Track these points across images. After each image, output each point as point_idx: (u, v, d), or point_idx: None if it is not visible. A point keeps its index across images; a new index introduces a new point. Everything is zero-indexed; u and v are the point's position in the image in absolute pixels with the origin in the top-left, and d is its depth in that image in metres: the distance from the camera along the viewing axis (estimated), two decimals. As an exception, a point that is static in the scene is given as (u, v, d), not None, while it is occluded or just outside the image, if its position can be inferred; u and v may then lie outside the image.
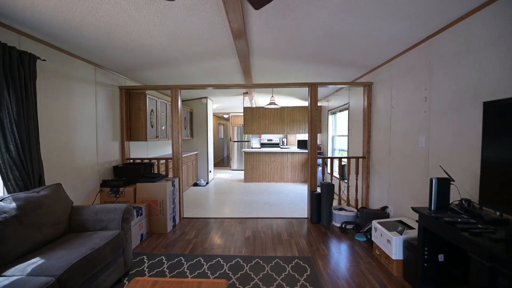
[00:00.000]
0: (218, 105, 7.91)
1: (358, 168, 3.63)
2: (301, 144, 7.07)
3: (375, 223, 2.53)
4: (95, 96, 3.13)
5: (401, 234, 2.19)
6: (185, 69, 3.63)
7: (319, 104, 6.83)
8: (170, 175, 4.16)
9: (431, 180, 1.76)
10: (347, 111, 4.71)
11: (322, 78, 4.06)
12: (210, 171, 6.56)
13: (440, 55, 2.22)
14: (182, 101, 6.37)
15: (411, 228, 2.34)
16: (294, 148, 7.61)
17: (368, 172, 3.56)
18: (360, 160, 3.65)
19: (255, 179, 6.57)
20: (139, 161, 3.81)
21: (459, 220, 1.54)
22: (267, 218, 3.71)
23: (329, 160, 4.00)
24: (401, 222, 2.52)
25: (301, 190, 5.60)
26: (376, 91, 3.40)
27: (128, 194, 3.16)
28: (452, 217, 1.60)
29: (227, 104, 7.87)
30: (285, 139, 9.64)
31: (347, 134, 4.60)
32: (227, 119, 12.31)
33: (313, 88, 3.51)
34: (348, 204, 3.66)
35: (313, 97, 3.52)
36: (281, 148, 8.73)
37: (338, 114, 5.45)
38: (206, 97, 6.28)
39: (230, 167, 9.07)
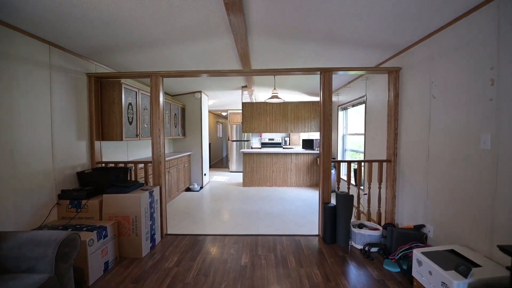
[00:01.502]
0: (214, 101, 7.23)
1: (382, 174, 2.93)
2: (307, 144, 6.38)
3: (418, 254, 1.84)
4: (49, 83, 2.45)
5: (466, 277, 1.50)
6: (169, 53, 2.95)
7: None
8: (152, 182, 3.48)
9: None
10: (362, 105, 4.03)
11: (335, 64, 3.37)
12: (204, 174, 5.88)
13: (522, 15, 1.52)
14: (173, 95, 5.70)
15: (475, 264, 1.65)
16: (298, 149, 6.93)
17: (395, 180, 2.86)
18: (384, 164, 2.96)
19: (255, 183, 5.89)
20: (113, 165, 3.12)
21: None
22: (269, 235, 3.02)
23: (345, 164, 3.31)
24: (454, 252, 1.83)
25: (308, 197, 4.91)
26: (407, 78, 2.70)
27: (93, 208, 2.48)
28: None
29: (225, 100, 7.18)
30: (288, 138, 8.96)
31: (363, 132, 3.90)
32: (226, 117, 11.62)
33: (326, 74, 2.82)
34: (369, 219, 2.97)
35: (326, 86, 2.83)
36: (283, 148, 8.04)
37: (350, 110, 4.76)
38: (200, 91, 5.59)
39: (229, 168, 8.39)
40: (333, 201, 2.87)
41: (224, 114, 10.67)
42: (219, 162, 11.00)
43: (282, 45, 2.81)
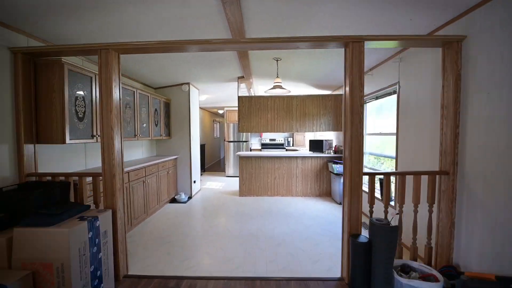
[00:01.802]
0: (208, 96, 6.34)
1: (435, 191, 2.04)
2: (315, 145, 5.48)
3: None
4: None
5: None
6: (129, 18, 2.06)
7: (336, 92, 5.25)
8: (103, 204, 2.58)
9: None
10: (391, 97, 3.14)
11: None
12: (194, 182, 4.99)
13: None
14: (156, 88, 4.81)
15: None
16: (305, 151, 6.04)
17: (453, 200, 1.96)
18: (437, 177, 2.06)
19: (254, 191, 4.99)
20: (50, 178, 2.23)
21: None
22: (272, 279, 2.12)
23: (381, 177, 2.43)
24: None
25: (318, 211, 4.02)
26: (477, 50, 1.80)
27: (-3, 250, 1.60)
28: None
29: (220, 95, 6.30)
30: (291, 138, 8.08)
31: (393, 132, 3.00)
32: (223, 116, 10.74)
33: (354, 46, 1.91)
34: (415, 256, 2.07)
35: (356, 64, 1.92)
36: (286, 150, 7.16)
37: (371, 103, 3.85)
38: (188, 83, 4.70)
39: (225, 172, 7.50)
40: (364, 234, 1.98)
41: (220, 112, 9.80)
42: (215, 164, 10.12)
43: (287, 5, 1.91)
